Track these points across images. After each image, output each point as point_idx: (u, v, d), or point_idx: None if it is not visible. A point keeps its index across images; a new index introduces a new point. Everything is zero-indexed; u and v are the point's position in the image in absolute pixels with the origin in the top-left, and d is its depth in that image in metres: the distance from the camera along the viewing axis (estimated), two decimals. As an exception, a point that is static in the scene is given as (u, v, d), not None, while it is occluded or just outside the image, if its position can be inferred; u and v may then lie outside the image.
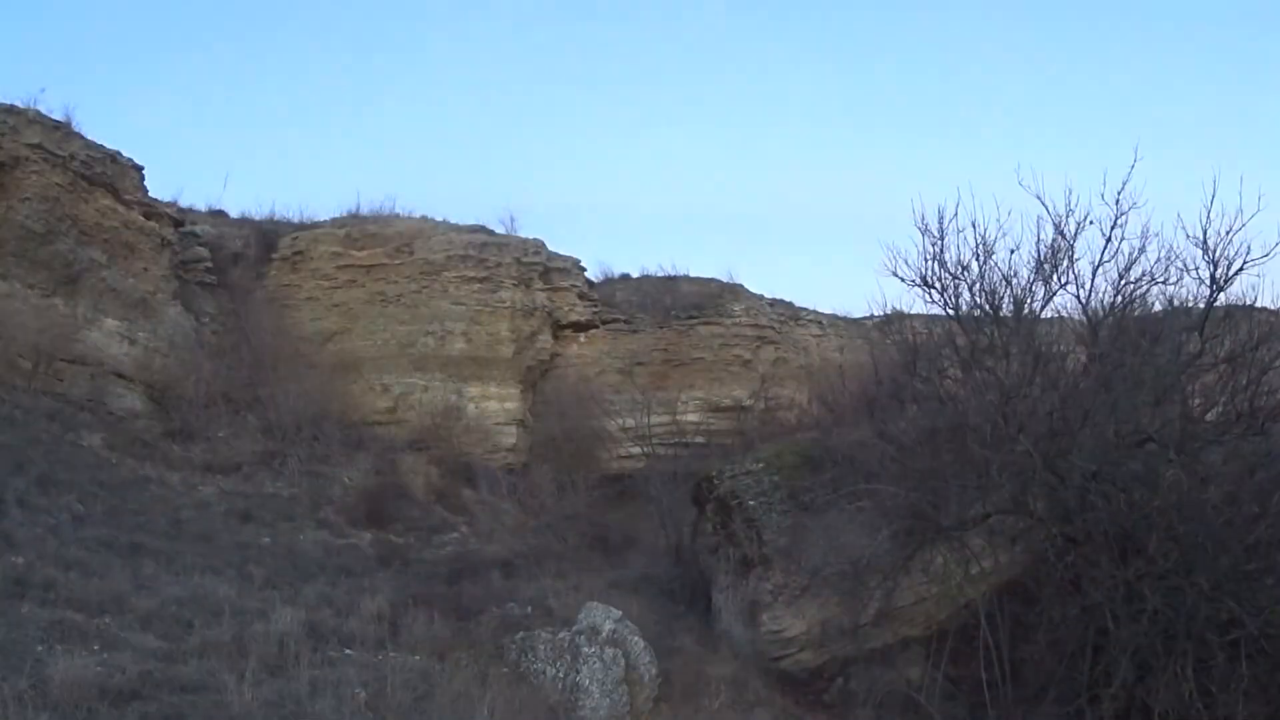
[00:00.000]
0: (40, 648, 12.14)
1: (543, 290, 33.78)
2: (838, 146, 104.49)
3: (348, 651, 14.95)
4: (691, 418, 33.27)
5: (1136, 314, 18.92)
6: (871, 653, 18.43)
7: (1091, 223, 18.28)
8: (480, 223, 34.61)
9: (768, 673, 18.33)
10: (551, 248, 34.76)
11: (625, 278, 37.80)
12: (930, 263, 19.35)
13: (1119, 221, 17.95)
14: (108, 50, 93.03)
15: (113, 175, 27.87)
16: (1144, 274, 18.34)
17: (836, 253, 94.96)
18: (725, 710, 16.40)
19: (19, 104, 26.08)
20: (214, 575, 17.29)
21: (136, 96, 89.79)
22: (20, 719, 9.84)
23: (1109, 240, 18.12)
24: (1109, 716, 15.52)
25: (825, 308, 39.44)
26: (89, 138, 27.51)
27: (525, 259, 33.42)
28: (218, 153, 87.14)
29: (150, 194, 29.59)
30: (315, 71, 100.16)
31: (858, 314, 36.85)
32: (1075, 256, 18.75)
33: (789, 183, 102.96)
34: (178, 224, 30.67)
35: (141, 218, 28.53)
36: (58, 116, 26.71)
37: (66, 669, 11.07)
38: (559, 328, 34.10)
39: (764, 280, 79.81)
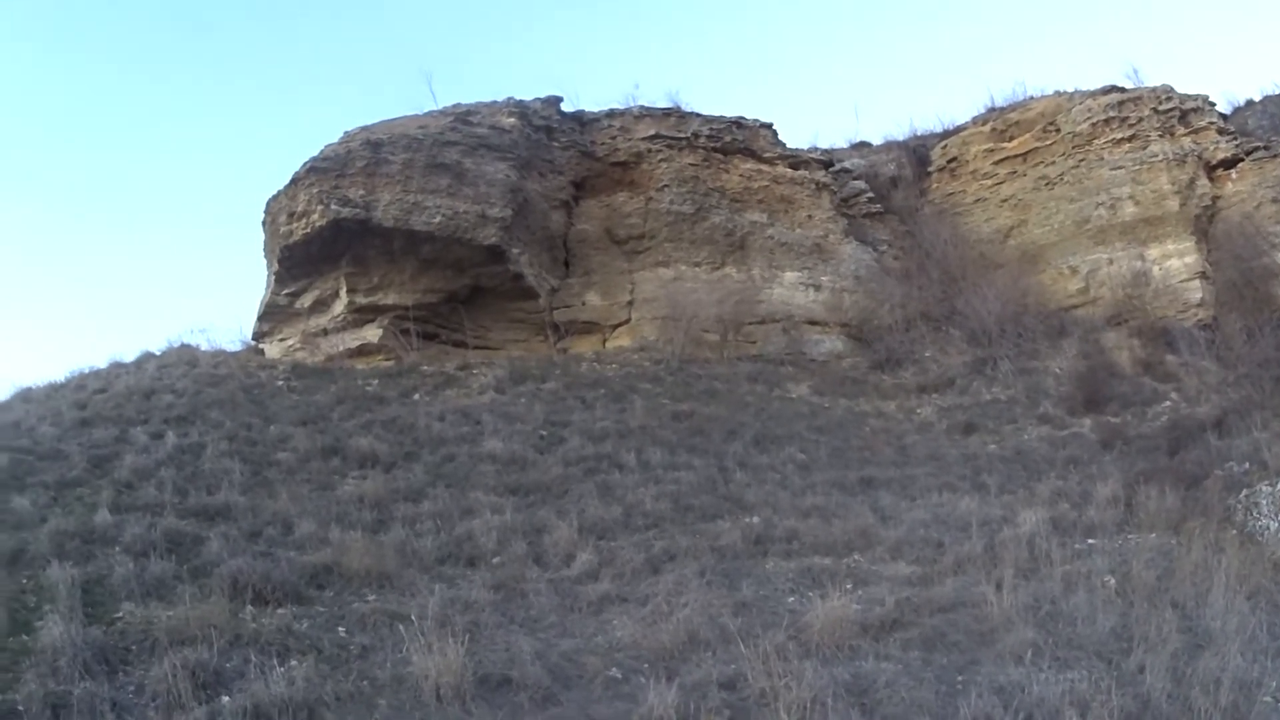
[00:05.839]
0: (791, 598, 12.29)
1: (1185, 134, 31.10)
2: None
3: (1090, 541, 14.34)
4: (1354, 235, 28.97)
5: None
6: None
7: None
8: (1108, 83, 32.45)
9: None
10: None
11: (1250, 104, 35.08)
12: None
13: None
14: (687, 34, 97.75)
15: (745, 139, 28.86)
16: None
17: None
18: None
19: (618, 106, 27.91)
20: (950, 492, 17.14)
21: (737, 65, 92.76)
22: (784, 672, 9.39)
23: None
24: None
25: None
26: (704, 113, 28.64)
27: (1160, 107, 31.02)
28: (838, 88, 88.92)
29: (789, 147, 30.26)
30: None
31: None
32: None
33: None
34: (826, 165, 31.12)
35: (789, 170, 29.25)
36: (664, 105, 28.11)
37: (825, 613, 10.96)
38: (1209, 169, 30.96)
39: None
